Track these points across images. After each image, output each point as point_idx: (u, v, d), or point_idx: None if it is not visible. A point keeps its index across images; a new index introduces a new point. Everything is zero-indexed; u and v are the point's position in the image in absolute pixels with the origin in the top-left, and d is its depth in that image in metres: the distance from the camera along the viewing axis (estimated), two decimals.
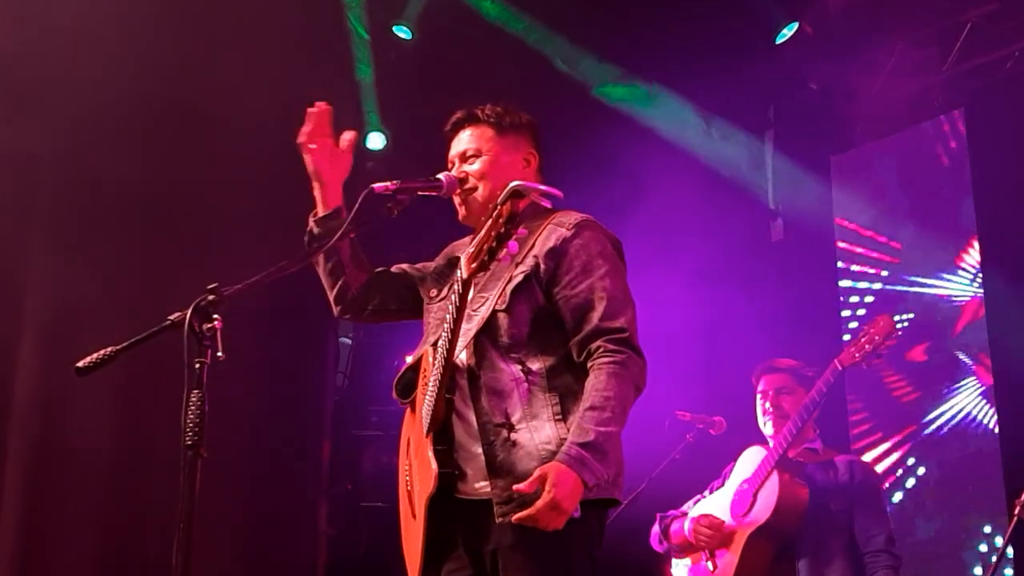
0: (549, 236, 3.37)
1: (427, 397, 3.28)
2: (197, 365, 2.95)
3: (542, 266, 3.32)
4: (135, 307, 5.86)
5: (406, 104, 7.79)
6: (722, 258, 7.86)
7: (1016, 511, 4.23)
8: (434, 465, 3.18)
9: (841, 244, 8.19)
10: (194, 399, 2.92)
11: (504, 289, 3.30)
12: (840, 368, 4.68)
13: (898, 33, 7.75)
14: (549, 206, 3.05)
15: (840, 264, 8.16)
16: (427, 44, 7.59)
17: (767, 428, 4.97)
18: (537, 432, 3.18)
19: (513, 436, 3.18)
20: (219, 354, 2.98)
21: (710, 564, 4.87)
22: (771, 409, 4.96)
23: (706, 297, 7.67)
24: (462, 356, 3.29)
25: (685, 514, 5.11)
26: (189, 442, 2.88)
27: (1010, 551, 5.81)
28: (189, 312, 2.99)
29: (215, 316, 3.03)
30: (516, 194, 2.86)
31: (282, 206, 6.97)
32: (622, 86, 7.86)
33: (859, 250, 8.11)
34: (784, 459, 4.73)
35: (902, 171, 7.99)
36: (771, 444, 4.85)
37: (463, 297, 3.16)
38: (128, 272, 6.33)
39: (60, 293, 6.09)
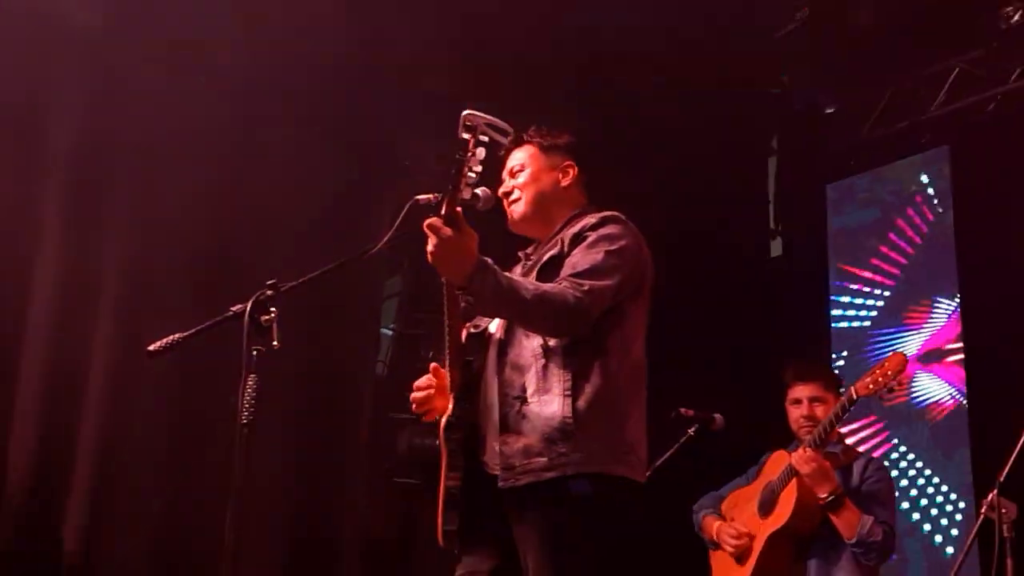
0: (575, 225, 3.34)
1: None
2: (254, 352, 2.97)
3: (566, 248, 3.26)
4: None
5: None
6: (727, 269, 7.87)
7: (983, 510, 4.10)
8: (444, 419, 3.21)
9: (834, 263, 8.18)
10: (251, 382, 2.94)
11: (533, 270, 3.29)
12: (855, 396, 4.53)
13: (891, 75, 7.74)
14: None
15: (833, 282, 8.15)
16: None
17: (801, 432, 4.86)
18: (545, 406, 3.08)
19: (524, 408, 3.11)
20: (275, 343, 3.00)
21: (736, 557, 4.85)
22: (806, 416, 4.85)
23: (709, 303, 7.67)
24: (494, 329, 3.26)
25: (717, 503, 5.06)
26: (245, 420, 2.90)
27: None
28: (249, 304, 3.02)
29: (272, 308, 3.05)
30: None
31: (327, 210, 7.03)
32: None
33: (852, 270, 8.09)
34: (795, 466, 4.65)
35: (892, 200, 7.98)
36: (798, 449, 4.74)
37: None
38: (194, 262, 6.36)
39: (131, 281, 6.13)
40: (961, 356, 7.25)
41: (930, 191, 7.73)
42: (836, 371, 4.92)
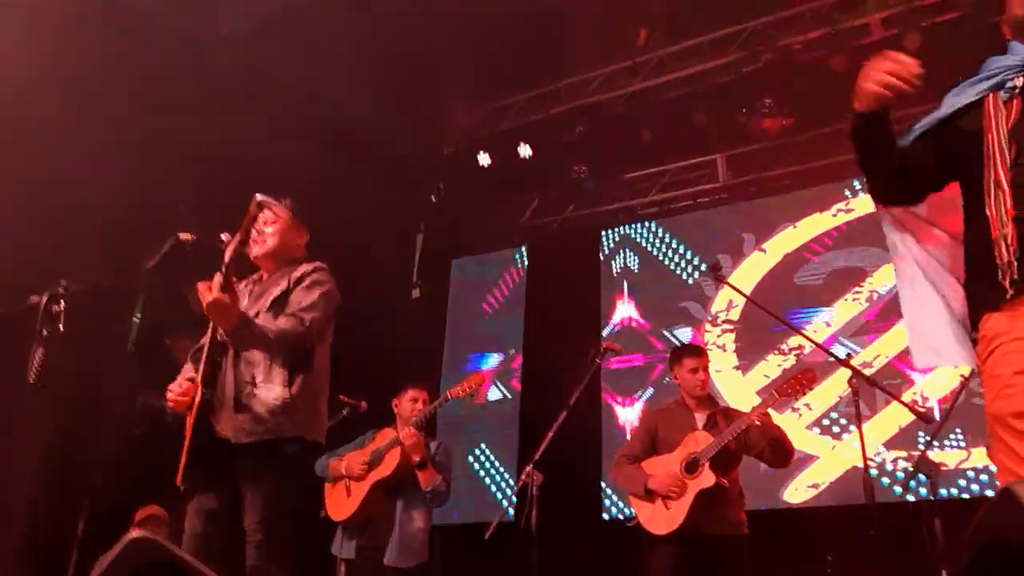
0: (297, 271, 3.30)
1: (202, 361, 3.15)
2: (45, 332, 2.79)
3: (291, 287, 3.24)
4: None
5: None
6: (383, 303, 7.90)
7: (523, 477, 4.30)
8: (198, 398, 3.07)
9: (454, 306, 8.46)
10: (39, 353, 2.75)
11: (266, 300, 3.23)
12: (449, 397, 4.74)
13: (500, 198, 8.16)
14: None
15: (450, 320, 8.41)
16: None
17: (405, 420, 4.93)
18: (271, 391, 3.06)
19: (255, 391, 3.06)
20: (60, 326, 2.82)
21: (347, 493, 4.84)
22: (408, 413, 4.93)
23: (370, 321, 7.60)
24: None
25: (333, 456, 5.03)
26: (32, 380, 2.71)
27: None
28: (45, 297, 2.84)
29: (61, 300, 2.88)
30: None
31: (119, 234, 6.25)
32: None
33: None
34: (402, 440, 4.76)
35: (497, 273, 8.35)
36: (403, 431, 4.84)
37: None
38: None
39: None
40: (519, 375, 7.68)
41: (520, 269, 8.19)
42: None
